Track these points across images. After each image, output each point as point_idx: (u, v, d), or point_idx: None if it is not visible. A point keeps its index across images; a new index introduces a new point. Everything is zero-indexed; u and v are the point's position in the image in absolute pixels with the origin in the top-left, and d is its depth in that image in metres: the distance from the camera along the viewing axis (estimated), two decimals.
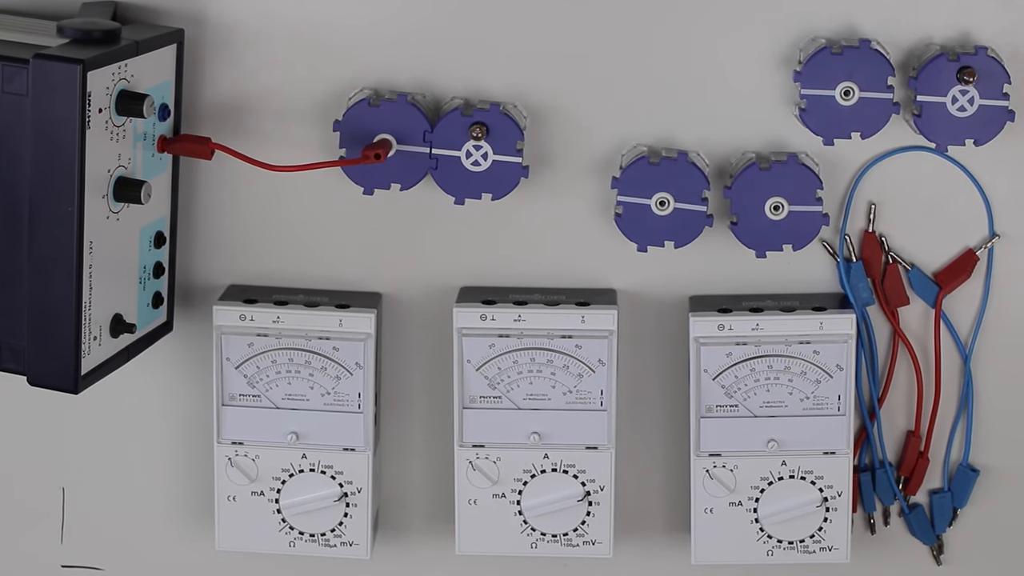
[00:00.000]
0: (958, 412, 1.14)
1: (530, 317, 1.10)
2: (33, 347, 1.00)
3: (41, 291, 0.99)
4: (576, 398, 1.11)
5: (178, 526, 1.18)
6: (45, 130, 0.97)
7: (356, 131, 1.07)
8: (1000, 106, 1.05)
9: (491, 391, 1.11)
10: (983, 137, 1.06)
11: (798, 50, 1.08)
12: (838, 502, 1.11)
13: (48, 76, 0.96)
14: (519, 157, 1.07)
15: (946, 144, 1.06)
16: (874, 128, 1.07)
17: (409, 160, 1.08)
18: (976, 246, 1.11)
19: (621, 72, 1.08)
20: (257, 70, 1.09)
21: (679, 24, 1.08)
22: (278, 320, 1.10)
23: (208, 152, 1.05)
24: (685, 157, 1.07)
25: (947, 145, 1.06)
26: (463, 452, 1.11)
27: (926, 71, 1.05)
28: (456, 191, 1.08)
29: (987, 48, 1.05)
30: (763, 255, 1.09)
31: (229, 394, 1.12)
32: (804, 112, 1.06)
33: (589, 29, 1.08)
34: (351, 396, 1.11)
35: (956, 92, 1.05)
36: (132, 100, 1.00)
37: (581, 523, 1.12)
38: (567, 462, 1.11)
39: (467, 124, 1.07)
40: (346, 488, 1.12)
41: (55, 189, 0.97)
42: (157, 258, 1.09)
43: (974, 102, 1.05)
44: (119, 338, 1.05)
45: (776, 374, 1.09)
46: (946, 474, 1.15)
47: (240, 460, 1.12)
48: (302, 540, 1.13)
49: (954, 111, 1.05)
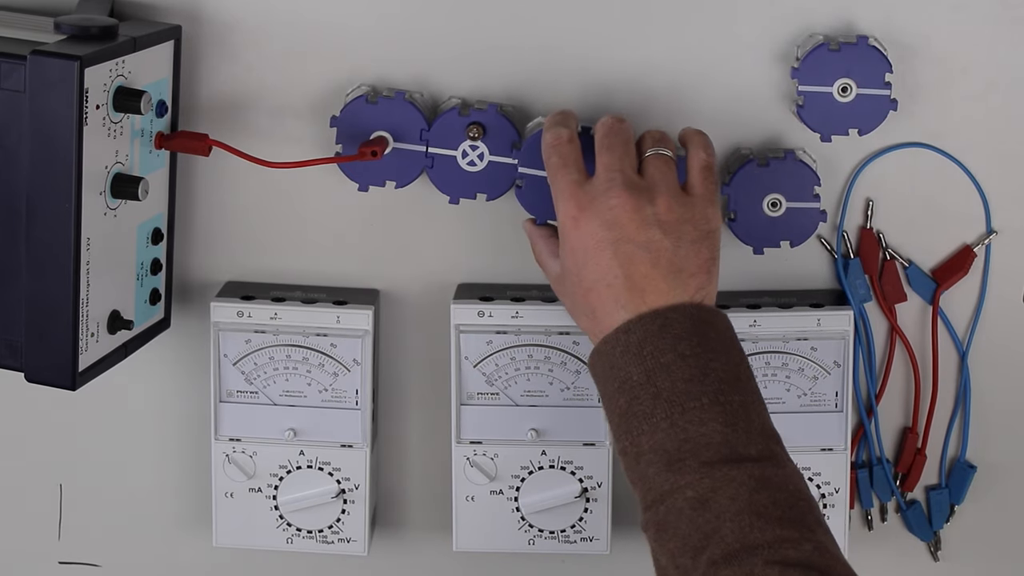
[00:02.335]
0: (955, 408, 1.14)
1: (528, 313, 1.10)
2: (30, 343, 1.00)
3: (38, 287, 0.99)
4: (574, 394, 1.11)
5: (176, 522, 1.18)
6: (42, 127, 0.97)
7: (353, 128, 1.07)
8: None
9: (489, 388, 1.11)
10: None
11: (796, 47, 1.08)
12: (836, 498, 1.11)
13: (45, 72, 0.96)
14: (515, 161, 1.07)
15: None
16: (872, 125, 1.07)
17: (405, 158, 1.08)
18: (973, 243, 1.11)
19: (620, 71, 1.08)
20: (254, 67, 1.09)
21: (677, 22, 1.08)
22: (276, 317, 1.10)
23: (205, 148, 1.05)
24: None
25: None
26: (461, 448, 1.11)
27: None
28: (451, 190, 1.08)
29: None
30: (760, 251, 1.09)
31: (227, 390, 1.12)
32: (802, 108, 1.06)
33: (587, 28, 1.08)
34: (349, 392, 1.11)
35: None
36: (129, 96, 1.00)
37: (579, 520, 1.12)
38: (565, 459, 1.11)
39: (464, 124, 1.07)
40: (344, 484, 1.12)
41: (52, 185, 0.97)
42: (154, 254, 1.09)
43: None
44: (116, 334, 1.05)
45: (774, 371, 1.09)
46: (943, 470, 1.15)
47: (238, 456, 1.12)
48: (300, 536, 1.13)
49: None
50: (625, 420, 0.95)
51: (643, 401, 0.94)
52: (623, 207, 0.97)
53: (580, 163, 1.01)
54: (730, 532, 0.89)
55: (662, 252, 0.97)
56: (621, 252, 0.97)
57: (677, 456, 0.92)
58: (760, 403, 0.95)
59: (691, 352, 0.94)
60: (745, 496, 0.90)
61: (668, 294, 0.96)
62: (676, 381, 0.94)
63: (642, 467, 0.93)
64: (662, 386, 0.94)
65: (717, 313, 0.97)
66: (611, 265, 0.97)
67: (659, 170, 1.00)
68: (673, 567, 0.91)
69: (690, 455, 0.92)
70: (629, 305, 0.96)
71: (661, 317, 0.95)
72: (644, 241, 0.97)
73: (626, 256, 0.97)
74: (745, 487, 0.90)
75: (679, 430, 0.92)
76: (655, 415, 0.93)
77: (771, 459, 0.92)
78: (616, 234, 0.97)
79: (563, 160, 1.01)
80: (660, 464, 0.92)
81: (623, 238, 0.97)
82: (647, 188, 0.99)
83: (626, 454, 0.95)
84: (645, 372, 0.94)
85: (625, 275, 0.97)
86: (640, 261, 0.97)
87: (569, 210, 0.99)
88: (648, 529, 0.93)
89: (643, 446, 0.93)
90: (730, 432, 0.92)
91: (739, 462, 0.91)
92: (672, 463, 0.92)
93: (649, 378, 0.94)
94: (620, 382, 0.95)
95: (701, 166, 1.01)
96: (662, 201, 0.98)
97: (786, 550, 0.88)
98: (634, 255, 0.97)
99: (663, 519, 0.92)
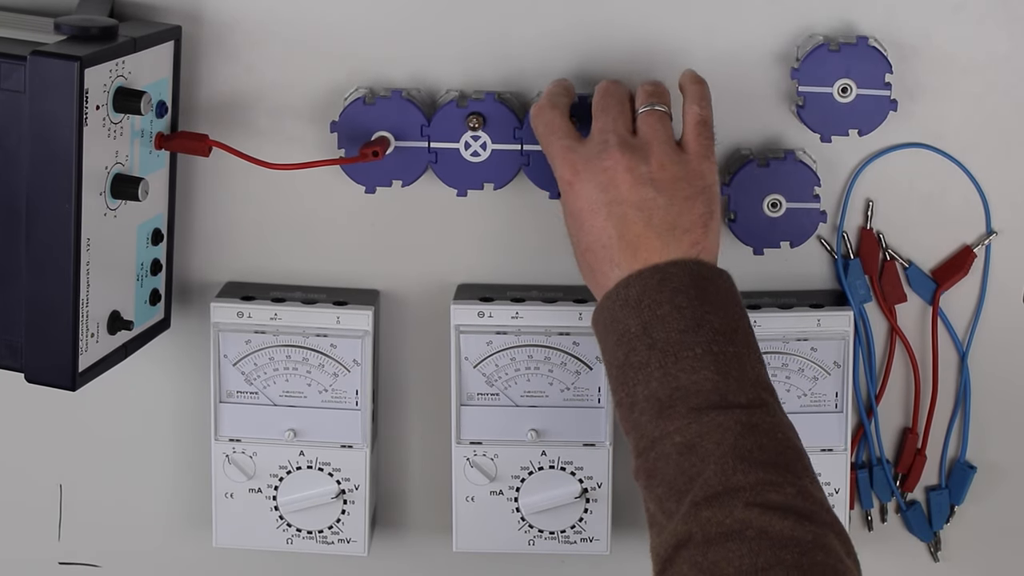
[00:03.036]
0: (955, 409, 1.14)
1: (528, 314, 1.10)
2: (30, 344, 1.00)
3: (38, 288, 0.99)
4: (574, 395, 1.11)
5: (176, 523, 1.18)
6: (42, 127, 0.97)
7: (353, 130, 1.07)
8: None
9: (489, 388, 1.11)
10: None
11: (796, 47, 1.08)
12: (836, 499, 1.11)
13: (45, 73, 0.96)
14: (518, 144, 1.07)
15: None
16: (872, 125, 1.07)
17: (408, 156, 1.08)
18: (973, 243, 1.11)
19: (620, 71, 1.08)
20: (254, 67, 1.09)
21: (676, 20, 1.08)
22: (276, 317, 1.10)
23: (205, 149, 1.05)
24: None
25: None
26: (461, 449, 1.11)
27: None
28: (457, 183, 1.08)
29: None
30: (760, 252, 1.09)
31: (227, 391, 1.12)
32: (802, 109, 1.06)
33: (586, 26, 1.08)
34: (349, 393, 1.11)
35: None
36: (129, 97, 1.00)
37: (579, 520, 1.12)
38: (565, 459, 1.11)
39: (464, 115, 1.07)
40: (344, 485, 1.12)
41: (52, 186, 0.97)
42: (154, 255, 1.09)
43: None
44: (116, 335, 1.05)
45: (774, 371, 1.09)
46: (943, 471, 1.15)
47: (238, 457, 1.12)
48: (299, 537, 1.13)
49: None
50: (622, 371, 0.95)
51: (639, 352, 0.95)
52: (616, 167, 0.98)
53: (568, 127, 1.02)
54: (713, 474, 0.90)
55: (655, 210, 0.97)
56: (615, 213, 0.98)
57: (668, 403, 0.93)
58: (757, 357, 0.96)
59: (688, 304, 0.95)
60: (730, 440, 0.91)
61: (662, 251, 0.97)
62: (671, 332, 0.94)
63: (635, 416, 0.94)
64: (657, 336, 0.94)
65: (718, 271, 0.98)
66: (605, 226, 0.98)
67: (652, 127, 1.00)
68: (660, 512, 0.92)
69: (680, 402, 0.93)
70: (623, 264, 0.97)
71: (660, 272, 0.96)
72: (637, 200, 0.97)
73: (619, 217, 0.98)
74: (731, 432, 0.91)
75: (671, 378, 0.93)
76: (649, 364, 0.94)
77: (761, 407, 0.93)
78: (610, 196, 0.98)
79: (549, 127, 1.02)
80: (652, 412, 0.93)
81: (616, 199, 0.98)
82: (640, 147, 0.99)
83: (622, 405, 0.96)
84: (642, 324, 0.95)
85: (619, 235, 0.97)
86: (633, 221, 0.97)
87: (564, 175, 1.00)
88: (639, 476, 0.94)
89: (637, 395, 0.94)
90: (721, 380, 0.93)
91: (727, 408, 0.92)
92: (663, 410, 0.93)
93: (645, 329, 0.95)
94: (619, 335, 0.96)
95: (696, 121, 1.01)
96: (655, 159, 0.99)
97: (768, 493, 0.89)
98: (627, 215, 0.97)
99: (652, 465, 0.93)
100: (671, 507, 0.91)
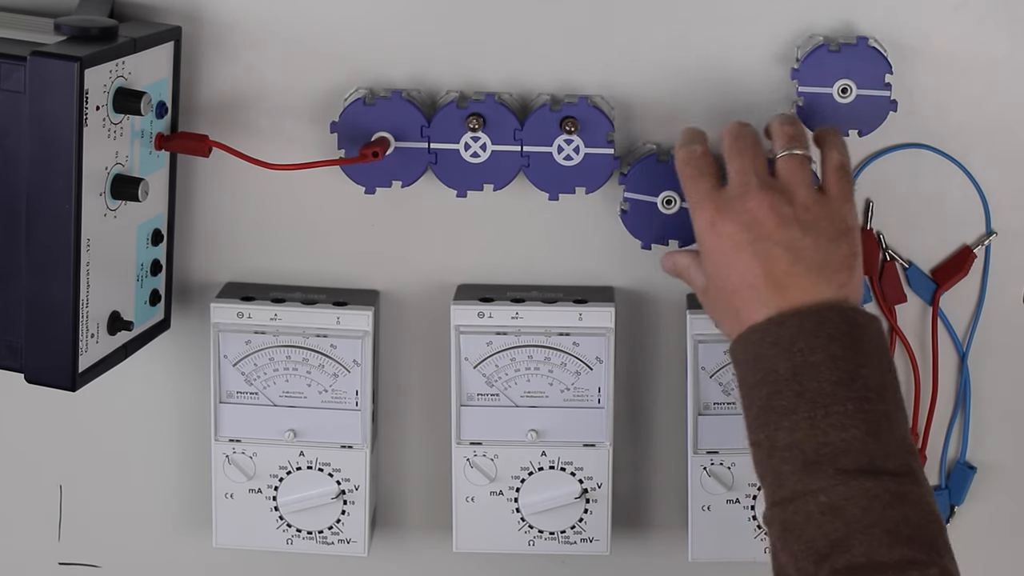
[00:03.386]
0: (955, 409, 1.14)
1: (528, 314, 1.10)
2: (30, 344, 1.00)
3: (38, 288, 0.99)
4: (574, 395, 1.11)
5: (176, 523, 1.18)
6: (42, 128, 0.97)
7: (353, 131, 1.07)
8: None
9: (489, 388, 1.11)
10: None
11: (796, 47, 1.08)
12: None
13: (45, 73, 0.96)
14: (518, 146, 1.07)
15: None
16: (872, 125, 1.07)
17: (408, 156, 1.08)
18: (973, 243, 1.11)
19: (619, 71, 1.08)
20: (254, 67, 1.09)
21: (676, 21, 1.08)
22: (276, 317, 1.10)
23: (205, 150, 1.05)
24: None
25: None
26: (461, 449, 1.11)
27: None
28: (457, 184, 1.08)
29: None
30: None
31: (227, 391, 1.12)
32: (802, 109, 1.06)
33: (586, 27, 1.08)
34: (349, 393, 1.11)
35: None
36: (129, 97, 1.00)
37: (579, 520, 1.12)
38: (565, 459, 1.11)
39: (463, 116, 1.07)
40: (344, 485, 1.12)
41: (52, 186, 0.97)
42: (155, 255, 1.09)
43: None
44: (116, 335, 1.05)
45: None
46: (943, 471, 1.15)
47: (238, 457, 1.12)
48: (299, 537, 1.13)
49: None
50: (764, 413, 0.94)
51: (785, 396, 0.93)
52: (760, 207, 0.97)
53: (716, 173, 1.00)
54: (858, 545, 0.89)
55: (802, 249, 0.96)
56: (760, 251, 0.96)
57: (814, 458, 0.91)
58: (903, 415, 0.94)
59: (843, 354, 0.93)
60: (878, 510, 0.90)
61: (812, 290, 0.95)
62: (823, 382, 0.93)
63: (775, 462, 0.93)
64: (808, 385, 0.93)
65: (871, 317, 0.96)
66: (751, 265, 0.96)
67: (793, 171, 0.99)
68: (793, 568, 0.91)
69: (827, 460, 0.91)
70: (771, 303, 0.96)
71: (816, 315, 0.95)
72: (783, 239, 0.96)
73: (765, 254, 0.96)
74: (879, 500, 0.90)
75: (819, 432, 0.92)
76: (796, 413, 0.93)
77: (909, 475, 0.92)
78: (754, 234, 0.97)
79: (699, 170, 1.00)
80: (796, 463, 0.92)
81: (761, 236, 0.96)
82: (782, 188, 0.98)
83: (759, 446, 0.94)
84: (792, 368, 0.93)
85: (766, 273, 0.96)
86: (780, 259, 0.96)
87: (706, 215, 0.99)
88: (772, 524, 0.93)
89: (779, 441, 0.93)
90: (871, 441, 0.91)
91: (876, 474, 0.91)
92: (808, 464, 0.91)
93: (795, 375, 0.93)
94: (764, 373, 0.94)
95: (836, 165, 1.00)
96: (799, 200, 0.98)
97: (912, 572, 0.88)
98: (773, 253, 0.96)
99: (790, 519, 0.91)
100: (808, 568, 0.90)
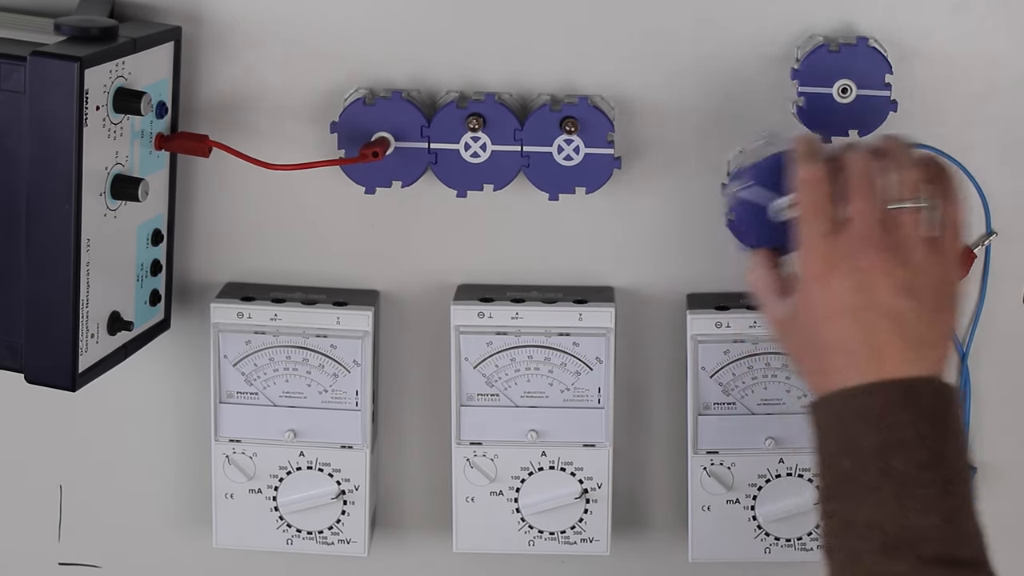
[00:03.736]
0: None
1: (528, 314, 1.10)
2: (30, 344, 1.00)
3: (38, 288, 0.99)
4: (574, 396, 1.11)
5: (176, 523, 1.18)
6: (42, 128, 0.97)
7: (353, 131, 1.07)
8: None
9: (489, 389, 1.11)
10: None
11: (796, 48, 1.08)
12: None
13: (45, 73, 0.96)
14: (518, 146, 1.07)
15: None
16: (872, 126, 1.07)
17: (408, 156, 1.08)
18: (973, 243, 1.11)
19: (619, 72, 1.08)
20: (254, 67, 1.09)
21: (676, 21, 1.08)
22: (276, 318, 1.10)
23: (205, 150, 1.05)
24: None
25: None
26: (461, 450, 1.11)
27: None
28: (457, 184, 1.08)
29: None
30: None
31: (227, 391, 1.12)
32: (802, 110, 1.06)
33: (586, 27, 1.08)
34: (349, 394, 1.11)
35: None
36: (129, 98, 1.00)
37: (579, 521, 1.12)
38: (564, 460, 1.11)
39: (463, 116, 1.07)
40: (344, 486, 1.12)
41: (52, 187, 0.97)
42: (155, 256, 1.09)
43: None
44: (116, 335, 1.05)
45: (774, 371, 1.09)
46: None
47: (238, 458, 1.12)
48: (300, 537, 1.13)
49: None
50: (843, 484, 0.92)
51: (870, 472, 0.91)
52: (874, 270, 0.93)
53: (830, 211, 0.95)
54: None
55: (908, 323, 0.93)
56: (862, 319, 0.93)
57: (894, 542, 0.90)
58: (973, 493, 0.93)
59: (931, 433, 0.91)
60: None
61: (907, 365, 0.93)
62: (910, 465, 0.91)
63: (850, 539, 0.91)
64: (894, 464, 0.91)
65: (956, 391, 0.95)
66: (852, 331, 0.93)
67: (915, 225, 0.95)
68: None
69: (907, 545, 0.90)
70: (865, 372, 0.93)
71: (907, 388, 0.92)
72: (890, 310, 0.93)
73: (868, 323, 0.93)
74: None
75: (902, 515, 0.90)
76: (880, 491, 0.91)
77: (981, 567, 0.92)
78: (863, 300, 0.93)
79: (815, 208, 0.95)
80: (873, 543, 0.90)
81: (868, 304, 0.93)
82: (899, 244, 0.94)
83: (832, 517, 0.93)
84: (880, 443, 0.91)
85: (866, 343, 0.93)
86: (882, 329, 0.93)
87: (815, 265, 0.95)
88: None
89: (857, 518, 0.91)
90: (950, 529, 0.90)
91: (954, 565, 0.90)
92: (888, 548, 0.90)
93: (882, 451, 0.91)
94: (847, 442, 0.92)
95: (955, 221, 0.97)
96: (914, 262, 0.94)
97: None
98: (876, 323, 0.93)
99: None
100: None
